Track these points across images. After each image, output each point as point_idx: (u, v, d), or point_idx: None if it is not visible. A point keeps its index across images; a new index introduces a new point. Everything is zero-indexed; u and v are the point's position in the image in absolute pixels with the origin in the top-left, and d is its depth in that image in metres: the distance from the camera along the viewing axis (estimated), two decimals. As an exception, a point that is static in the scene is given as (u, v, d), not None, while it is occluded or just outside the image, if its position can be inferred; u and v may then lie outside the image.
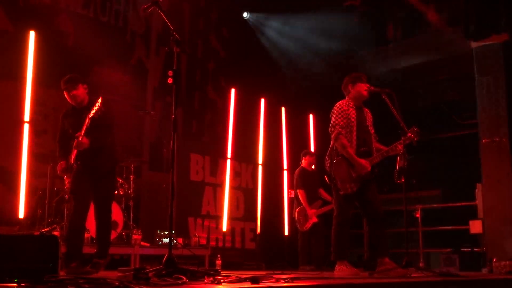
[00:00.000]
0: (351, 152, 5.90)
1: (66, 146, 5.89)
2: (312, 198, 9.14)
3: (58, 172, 5.96)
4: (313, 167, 9.53)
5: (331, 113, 6.11)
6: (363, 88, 6.14)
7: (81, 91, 5.87)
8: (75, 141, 5.59)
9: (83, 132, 5.54)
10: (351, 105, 6.11)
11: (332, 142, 6.09)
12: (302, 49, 12.33)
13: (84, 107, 5.85)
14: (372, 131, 6.23)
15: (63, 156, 5.93)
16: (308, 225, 8.97)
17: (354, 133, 6.00)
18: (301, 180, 9.23)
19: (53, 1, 9.36)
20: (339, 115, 6.01)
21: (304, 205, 9.04)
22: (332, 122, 6.04)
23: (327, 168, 6.15)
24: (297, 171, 9.44)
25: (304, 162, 9.47)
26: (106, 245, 6.02)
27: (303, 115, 12.56)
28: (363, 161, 5.88)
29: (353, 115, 6.04)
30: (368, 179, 5.97)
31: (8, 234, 3.97)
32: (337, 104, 6.12)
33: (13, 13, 8.77)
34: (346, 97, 6.22)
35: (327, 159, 6.14)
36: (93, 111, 5.52)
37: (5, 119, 8.46)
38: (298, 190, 9.19)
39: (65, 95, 5.88)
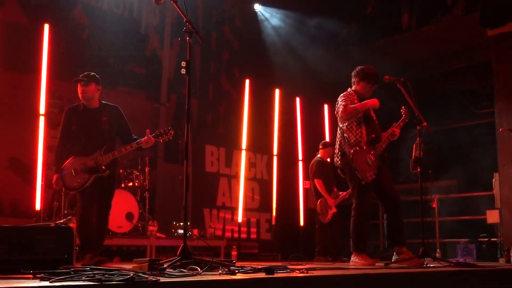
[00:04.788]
0: (360, 104, 5.94)
1: (66, 145, 5.94)
2: (329, 188, 9.10)
3: (58, 183, 5.86)
4: (328, 159, 9.46)
5: (336, 102, 6.12)
6: (366, 89, 6.17)
7: (92, 89, 5.90)
8: (145, 139, 5.82)
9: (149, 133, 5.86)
10: (355, 97, 6.11)
11: (338, 137, 6.11)
12: (314, 39, 12.26)
13: (95, 109, 5.97)
14: (376, 122, 6.22)
15: (63, 158, 5.88)
16: (329, 216, 8.93)
17: (363, 124, 6.01)
18: (318, 170, 9.16)
19: (68, -6, 9.40)
20: (345, 99, 6.01)
21: (324, 195, 8.98)
22: (337, 107, 6.06)
23: (338, 162, 6.15)
24: (313, 161, 9.36)
25: (321, 153, 9.38)
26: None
27: (318, 105, 12.51)
28: (369, 101, 5.94)
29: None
30: (382, 164, 5.96)
31: (24, 226, 3.99)
32: (342, 94, 6.13)
33: (28, 7, 8.81)
34: (349, 89, 6.22)
35: (337, 152, 6.15)
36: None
37: (21, 112, 8.52)
38: (315, 180, 9.11)
39: (78, 88, 5.91)
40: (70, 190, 5.94)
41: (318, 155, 9.41)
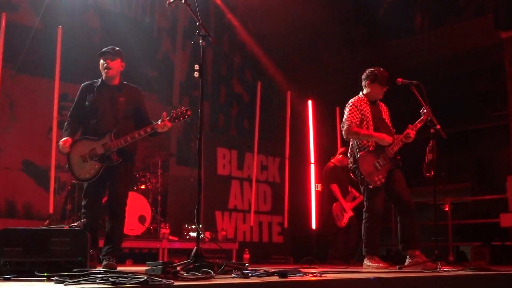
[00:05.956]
0: (366, 132, 5.90)
1: (78, 121, 5.47)
2: (343, 192, 9.04)
3: (66, 145, 5.24)
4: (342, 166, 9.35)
5: (344, 111, 6.12)
6: (377, 91, 6.13)
7: (117, 65, 5.48)
8: (159, 124, 5.21)
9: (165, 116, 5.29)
10: (365, 101, 6.10)
11: (351, 140, 6.10)
12: (326, 42, 12.22)
13: (114, 86, 5.51)
14: (389, 124, 6.19)
15: (74, 131, 5.42)
16: (345, 220, 8.89)
17: (371, 128, 5.99)
18: (332, 175, 9.11)
19: (81, -3, 9.45)
20: (352, 112, 6.02)
21: (339, 199, 8.94)
22: (344, 118, 6.05)
23: (350, 165, 6.14)
24: (327, 167, 9.31)
25: (336, 159, 9.30)
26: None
27: (330, 108, 12.47)
28: (381, 133, 5.86)
29: (368, 110, 6.05)
30: (393, 167, 5.93)
31: (38, 228, 4.01)
32: (350, 102, 6.14)
33: (41, 10, 8.86)
34: (360, 93, 6.20)
35: (349, 156, 6.15)
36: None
37: (34, 115, 8.57)
38: (331, 185, 9.07)
39: (100, 63, 5.49)
40: (80, 181, 5.37)
41: (332, 161, 9.36)
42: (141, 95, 5.70)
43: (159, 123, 5.27)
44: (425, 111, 6.00)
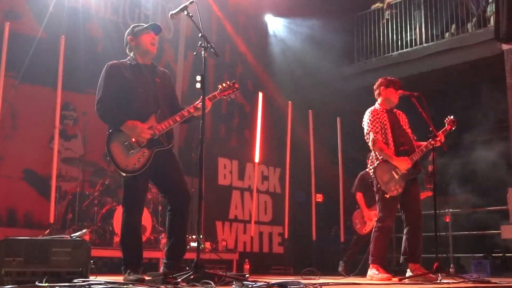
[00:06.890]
0: (389, 153, 5.88)
1: (113, 104, 4.65)
2: (373, 200, 8.94)
3: (147, 135, 4.52)
4: None
5: (362, 122, 6.12)
6: (393, 94, 6.13)
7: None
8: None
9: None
10: (381, 110, 6.10)
11: (372, 149, 6.09)
12: (327, 52, 12.25)
13: (149, 66, 4.89)
14: (409, 131, 6.18)
15: (123, 114, 4.58)
16: (368, 228, 8.79)
17: (390, 135, 5.99)
18: (361, 183, 9.06)
19: (84, 7, 9.48)
20: (371, 122, 6.02)
21: (362, 207, 8.89)
22: (366, 130, 6.04)
23: (370, 174, 6.13)
24: (360, 173, 9.26)
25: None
26: None
27: (330, 118, 12.48)
28: (402, 158, 5.85)
29: (385, 118, 6.05)
30: (412, 176, 5.92)
31: (39, 238, 4.01)
32: (367, 112, 6.13)
33: (44, 20, 8.89)
34: (376, 104, 6.21)
35: (369, 165, 6.15)
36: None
37: (36, 124, 8.58)
38: (356, 193, 9.04)
39: (145, 38, 4.84)
40: (127, 173, 4.48)
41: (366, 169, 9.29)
42: (170, 77, 5.10)
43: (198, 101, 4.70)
44: (451, 118, 6.04)
